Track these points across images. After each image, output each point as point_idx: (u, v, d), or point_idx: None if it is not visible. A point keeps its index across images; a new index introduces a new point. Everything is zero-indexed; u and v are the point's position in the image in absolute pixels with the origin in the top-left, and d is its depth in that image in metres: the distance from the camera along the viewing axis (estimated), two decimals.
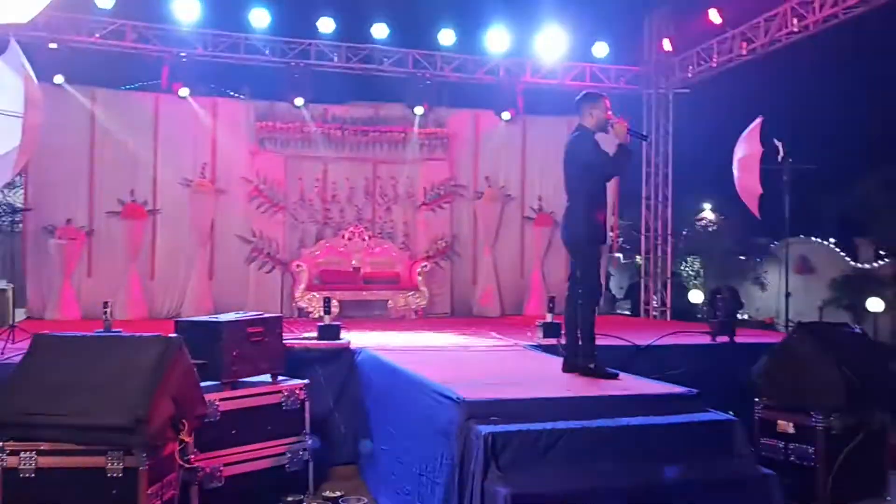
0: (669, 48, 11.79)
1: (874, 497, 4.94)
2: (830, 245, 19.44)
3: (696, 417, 3.96)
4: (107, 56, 10.38)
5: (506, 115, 12.04)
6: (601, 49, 11.90)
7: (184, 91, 10.74)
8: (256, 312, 5.69)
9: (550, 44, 11.45)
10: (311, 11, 10.85)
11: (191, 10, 10.14)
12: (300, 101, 11.20)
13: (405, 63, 11.48)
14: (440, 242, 11.82)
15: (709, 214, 22.10)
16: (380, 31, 11.09)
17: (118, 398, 3.74)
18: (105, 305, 6.09)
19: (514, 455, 3.61)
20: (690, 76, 11.78)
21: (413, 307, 11.02)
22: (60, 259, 10.27)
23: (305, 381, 5.43)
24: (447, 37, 11.31)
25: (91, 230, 10.59)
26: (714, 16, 10.45)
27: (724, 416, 3.99)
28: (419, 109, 11.60)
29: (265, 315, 5.56)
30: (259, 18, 10.52)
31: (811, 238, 19.49)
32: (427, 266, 11.37)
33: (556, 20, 11.28)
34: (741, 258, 20.11)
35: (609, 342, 6.94)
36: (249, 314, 5.48)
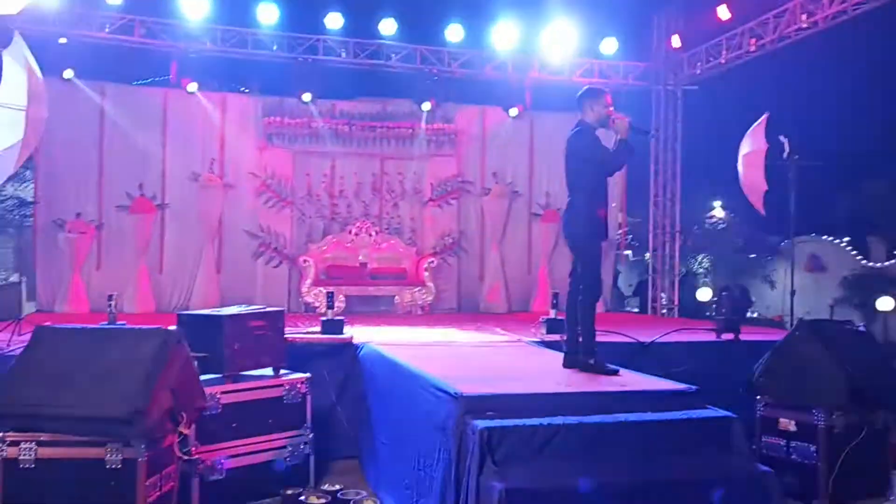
0: (678, 44, 11.72)
1: (877, 497, 4.91)
2: (842, 244, 19.32)
3: (694, 414, 3.95)
4: (116, 51, 10.42)
5: (513, 112, 12.01)
6: (610, 45, 11.84)
7: (192, 86, 10.78)
8: (259, 306, 5.72)
9: (558, 39, 11.39)
10: (319, 7, 10.86)
11: (199, 6, 10.16)
12: (308, 97, 11.21)
13: (413, 59, 11.47)
14: (447, 238, 11.82)
15: (719, 212, 21.99)
16: (387, 27, 11.07)
17: (117, 390, 3.77)
18: (110, 298, 6.12)
19: (510, 450, 3.61)
20: (699, 72, 11.71)
21: (419, 303, 11.04)
22: (70, 252, 10.35)
23: (307, 375, 5.45)
24: (455, 32, 11.28)
25: (100, 224, 10.66)
26: (723, 12, 10.38)
27: (723, 413, 3.97)
28: (426, 105, 11.59)
29: (267, 309, 5.59)
30: (267, 14, 10.53)
31: (822, 236, 19.37)
32: (434, 262, 11.37)
33: (565, 16, 11.22)
34: (751, 256, 20.01)
35: (613, 339, 6.94)
36: (251, 308, 5.50)
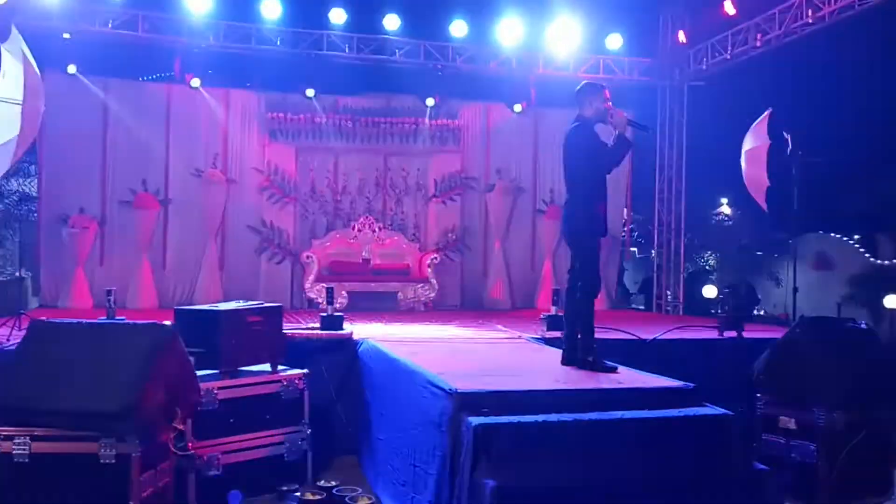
0: (684, 40, 11.64)
1: (878, 496, 4.86)
2: (850, 241, 19.18)
3: (691, 412, 3.91)
4: (119, 46, 10.40)
5: (518, 107, 11.98)
6: (615, 41, 11.76)
7: (196, 81, 10.80)
8: (256, 302, 5.71)
9: (563, 35, 11.33)
10: (323, 2, 10.80)
11: (203, 1, 10.13)
12: (311, 92, 11.21)
13: (417, 54, 11.41)
14: (450, 235, 11.80)
15: (726, 209, 21.86)
16: (391, 22, 11.03)
17: (111, 385, 3.76)
18: (108, 294, 6.12)
19: (504, 447, 3.58)
20: (705, 68, 11.62)
21: (422, 299, 11.01)
22: (73, 248, 10.37)
23: (305, 371, 5.44)
24: (459, 28, 11.22)
25: (103, 219, 10.68)
26: (729, 7, 10.30)
27: (720, 411, 3.93)
28: (430, 101, 11.57)
29: (265, 304, 5.59)
30: (271, 9, 10.49)
31: (830, 234, 19.22)
32: (437, 258, 11.35)
33: (570, 11, 11.15)
34: (758, 253, 19.89)
35: (614, 336, 6.91)
36: (249, 303, 5.49)
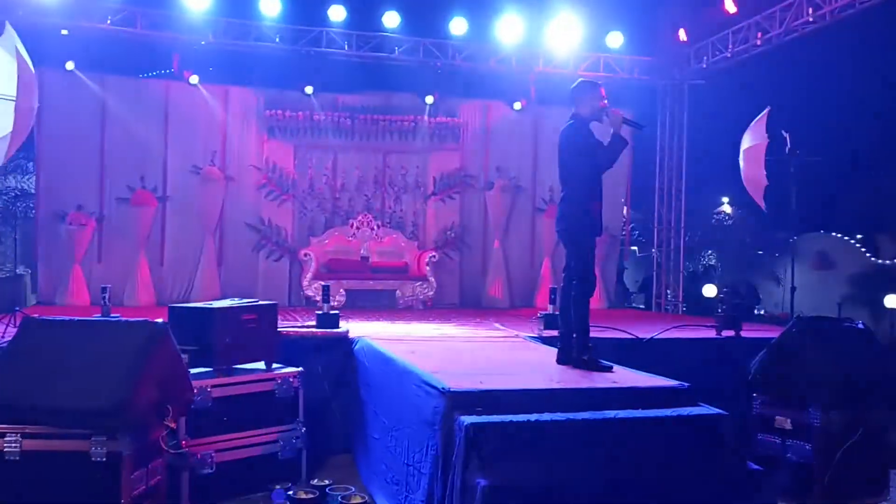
0: (685, 38, 11.60)
1: (873, 496, 4.85)
2: (851, 241, 19.13)
3: (685, 412, 3.89)
4: (118, 43, 10.37)
5: (517, 105, 11.95)
6: (615, 39, 11.71)
7: (194, 78, 10.77)
8: (251, 300, 5.69)
9: (563, 33, 11.30)
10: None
11: None
12: (310, 90, 11.18)
13: (416, 52, 11.38)
14: (449, 233, 11.78)
15: (727, 208, 21.82)
16: (391, 20, 10.98)
17: (102, 383, 3.75)
18: (103, 291, 6.11)
19: (497, 446, 3.56)
20: (705, 67, 11.58)
21: (421, 297, 10.99)
22: (71, 245, 10.35)
23: (300, 369, 5.43)
24: (459, 25, 11.18)
25: (101, 216, 10.66)
26: (729, 5, 10.25)
27: (714, 411, 3.91)
28: (430, 98, 11.54)
29: (259, 302, 5.57)
30: (269, 6, 10.45)
31: (831, 233, 19.18)
32: (436, 256, 11.32)
33: (570, 9, 11.11)
34: (759, 253, 19.85)
35: (612, 335, 6.89)
36: (243, 301, 5.48)
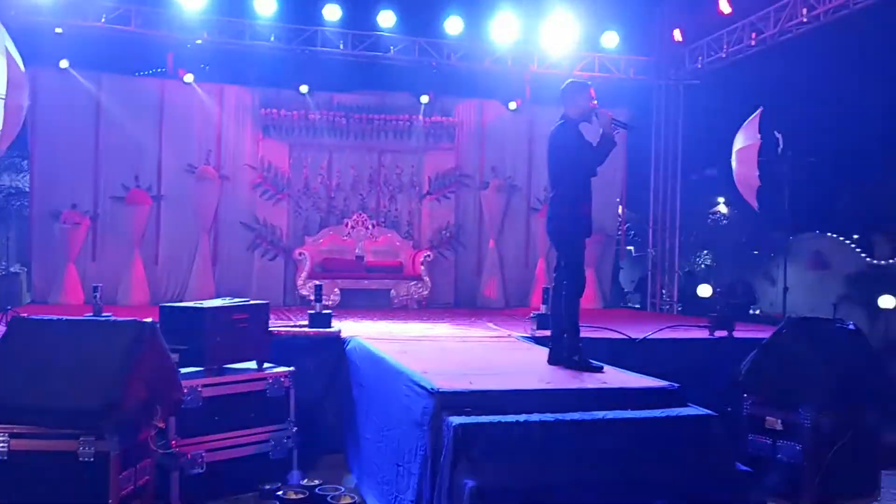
0: (680, 38, 11.60)
1: (864, 497, 4.85)
2: (846, 241, 19.13)
3: (675, 412, 3.88)
4: (112, 41, 10.35)
5: (513, 105, 11.93)
6: (611, 39, 11.71)
7: (189, 77, 10.74)
8: (242, 299, 5.68)
9: (559, 33, 11.30)
10: None
11: None
12: (305, 89, 11.17)
13: (411, 51, 11.36)
14: (444, 232, 11.77)
15: (723, 208, 21.83)
16: (386, 19, 10.96)
17: (90, 382, 3.74)
18: (95, 290, 6.10)
19: (485, 447, 3.55)
20: (701, 67, 11.58)
21: (415, 297, 10.99)
22: (65, 243, 10.33)
23: (291, 369, 5.42)
24: (454, 25, 11.17)
25: (95, 215, 10.64)
26: (724, 5, 10.26)
27: (704, 412, 3.91)
28: (425, 98, 11.52)
29: (251, 302, 5.56)
30: (264, 5, 10.43)
31: (826, 233, 19.19)
32: (430, 256, 11.32)
33: (565, 9, 11.12)
34: (754, 252, 19.86)
35: (605, 335, 6.89)
36: (234, 300, 5.47)
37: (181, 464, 4.67)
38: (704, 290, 14.99)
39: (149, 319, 4.03)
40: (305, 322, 6.63)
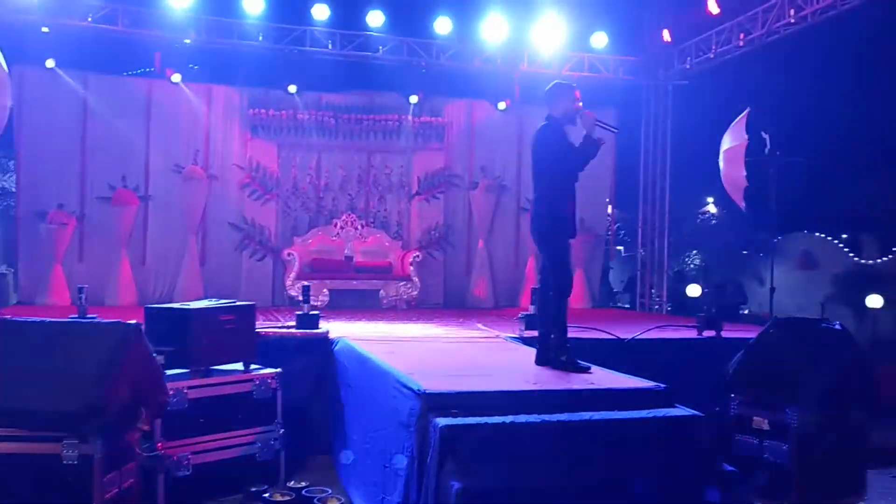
0: (668, 39, 11.63)
1: (851, 496, 4.86)
2: (834, 241, 19.23)
3: (661, 413, 3.88)
4: (99, 41, 10.31)
5: (502, 105, 11.93)
6: (600, 39, 11.73)
7: (176, 77, 10.69)
8: (229, 300, 5.65)
9: (548, 33, 11.32)
10: None
11: None
12: (294, 89, 11.14)
13: (400, 51, 11.35)
14: (433, 232, 11.76)
15: (712, 208, 21.90)
16: (375, 19, 10.95)
17: (74, 385, 3.70)
18: (80, 291, 6.05)
19: (471, 449, 3.54)
20: (689, 67, 11.63)
21: (405, 297, 10.97)
22: (51, 244, 10.26)
23: (278, 370, 5.39)
24: (443, 25, 11.16)
25: (82, 215, 10.57)
26: (712, 6, 10.29)
27: (690, 413, 3.91)
28: (414, 98, 11.51)
29: (237, 303, 5.54)
30: (252, 4, 10.40)
31: (815, 233, 19.28)
32: (420, 256, 11.31)
33: (554, 9, 11.13)
34: (743, 252, 19.93)
35: (593, 335, 6.88)
36: (221, 302, 5.44)
37: (167, 466, 4.64)
38: (693, 290, 15.04)
39: (133, 321, 3.99)
40: (293, 323, 6.59)
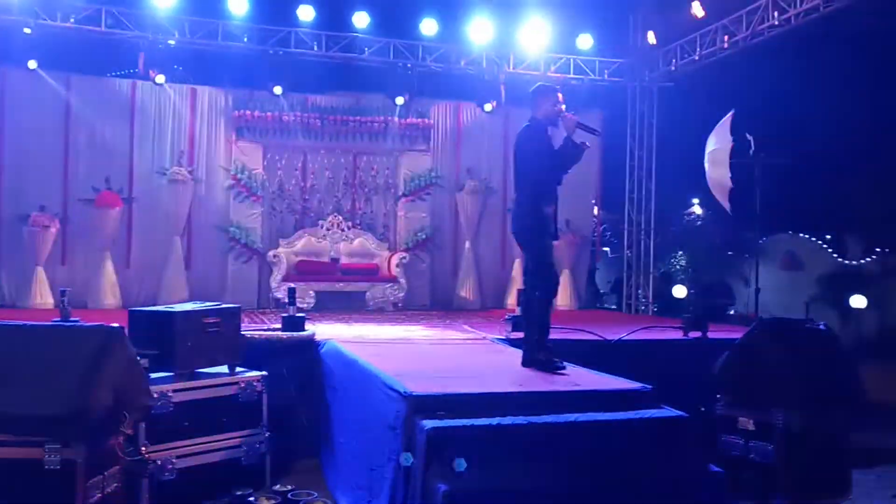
0: (654, 41, 11.68)
1: (836, 496, 4.88)
2: (818, 241, 19.36)
3: (647, 414, 3.89)
4: (82, 42, 10.23)
5: (488, 107, 11.93)
6: (585, 41, 11.79)
7: (160, 78, 10.61)
8: (213, 303, 5.61)
9: (534, 35, 11.36)
10: None
11: None
12: (279, 90, 11.07)
13: (386, 52, 11.34)
14: (420, 234, 11.73)
15: (698, 209, 21.99)
16: (360, 20, 10.94)
17: (56, 389, 3.65)
18: (62, 294, 5.99)
19: (457, 451, 3.53)
20: (674, 69, 11.68)
21: (391, 299, 10.94)
22: (33, 247, 10.14)
23: (263, 373, 5.36)
24: (429, 26, 11.17)
25: (65, 217, 10.45)
26: (697, 8, 10.34)
27: (675, 413, 3.92)
28: (400, 99, 11.48)
29: (222, 305, 5.49)
30: (237, 5, 10.36)
31: (799, 234, 19.40)
32: (406, 258, 11.29)
33: (540, 11, 11.18)
34: (729, 253, 20.03)
35: (579, 336, 6.90)
36: (205, 304, 5.40)
37: (151, 470, 4.60)
38: (680, 291, 15.12)
39: (115, 325, 3.95)
40: (279, 325, 6.56)
